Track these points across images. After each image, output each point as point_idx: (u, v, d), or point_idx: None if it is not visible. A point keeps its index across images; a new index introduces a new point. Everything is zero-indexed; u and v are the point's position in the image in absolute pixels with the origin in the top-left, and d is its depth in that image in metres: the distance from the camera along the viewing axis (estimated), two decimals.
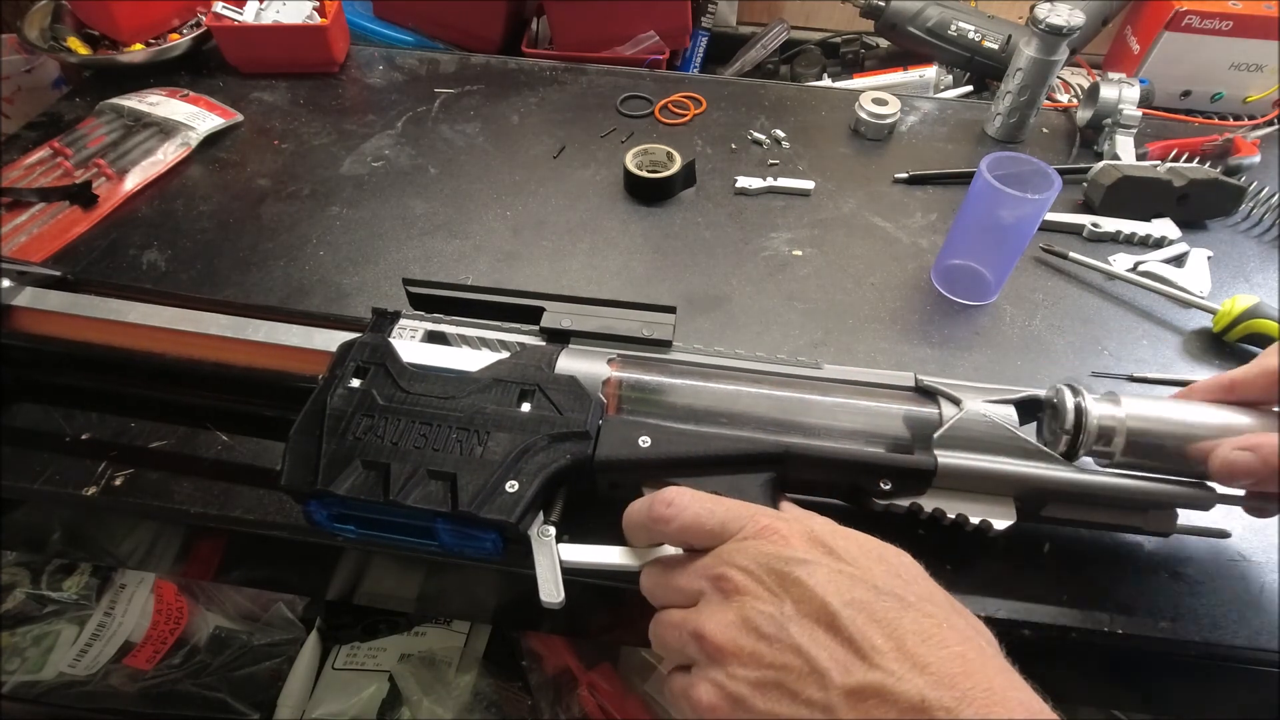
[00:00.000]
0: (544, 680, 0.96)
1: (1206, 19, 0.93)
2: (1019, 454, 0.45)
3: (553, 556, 0.41)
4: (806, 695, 0.31)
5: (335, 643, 1.03)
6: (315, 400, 0.44)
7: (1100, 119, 0.85)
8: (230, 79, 0.94)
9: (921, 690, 0.29)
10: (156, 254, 0.72)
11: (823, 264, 0.73)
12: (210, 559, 0.68)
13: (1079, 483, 0.44)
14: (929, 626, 0.31)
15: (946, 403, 0.46)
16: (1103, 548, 0.51)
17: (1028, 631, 0.48)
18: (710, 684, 0.33)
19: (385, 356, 0.46)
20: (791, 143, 0.88)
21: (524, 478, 0.41)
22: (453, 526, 0.41)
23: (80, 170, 0.78)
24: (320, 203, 0.78)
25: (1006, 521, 0.44)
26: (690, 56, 1.12)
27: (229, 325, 0.51)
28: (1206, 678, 0.52)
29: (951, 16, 0.99)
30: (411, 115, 0.90)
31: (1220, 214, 0.78)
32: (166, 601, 0.99)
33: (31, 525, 0.65)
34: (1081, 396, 0.45)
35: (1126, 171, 0.75)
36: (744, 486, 0.42)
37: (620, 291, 0.70)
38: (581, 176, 0.83)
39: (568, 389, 0.45)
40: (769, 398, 0.47)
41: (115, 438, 0.56)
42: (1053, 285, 0.71)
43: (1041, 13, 0.78)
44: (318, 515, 0.42)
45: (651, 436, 0.43)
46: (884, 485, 0.44)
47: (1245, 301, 0.63)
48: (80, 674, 0.94)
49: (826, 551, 0.35)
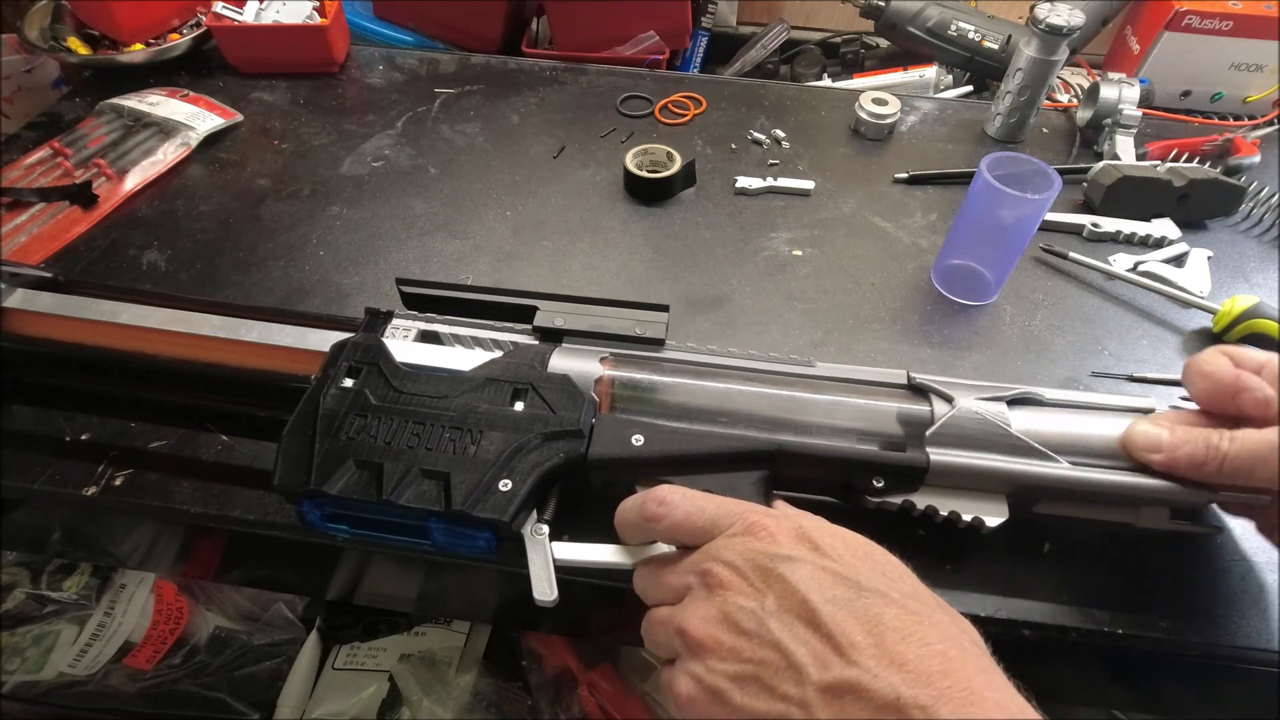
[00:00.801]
0: (544, 680, 0.96)
1: (1206, 19, 0.93)
2: (1011, 451, 0.45)
3: (546, 555, 0.41)
4: (783, 690, 0.31)
5: (335, 643, 1.03)
6: (308, 400, 0.44)
7: (1100, 119, 0.84)
8: (230, 79, 0.94)
9: (897, 688, 0.29)
10: (156, 254, 0.72)
11: (823, 264, 0.73)
12: (210, 559, 0.68)
13: (1070, 479, 0.44)
14: (911, 624, 0.31)
15: (939, 400, 0.46)
16: (1102, 548, 0.51)
17: (1028, 631, 0.48)
18: (689, 677, 0.34)
19: (378, 356, 0.46)
20: (791, 143, 0.87)
21: (517, 476, 0.41)
22: (446, 525, 0.41)
23: (80, 170, 0.79)
24: (320, 203, 0.78)
25: (999, 519, 0.44)
26: (690, 56, 1.12)
27: (221, 326, 0.51)
28: (1206, 678, 0.51)
29: (951, 16, 0.99)
30: (411, 115, 0.90)
31: (1220, 214, 0.77)
32: (166, 601, 0.99)
33: (31, 525, 0.65)
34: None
35: (1126, 171, 0.75)
36: (737, 484, 0.42)
37: (620, 292, 0.70)
38: (581, 176, 0.83)
39: (560, 388, 0.45)
40: (762, 395, 0.47)
41: (115, 438, 0.56)
42: (1053, 285, 0.71)
43: (1041, 13, 0.78)
44: (311, 515, 0.42)
45: (644, 435, 0.43)
46: (876, 483, 0.44)
47: (1245, 301, 0.63)
48: (80, 674, 0.94)
49: (813, 548, 0.35)
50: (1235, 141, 0.81)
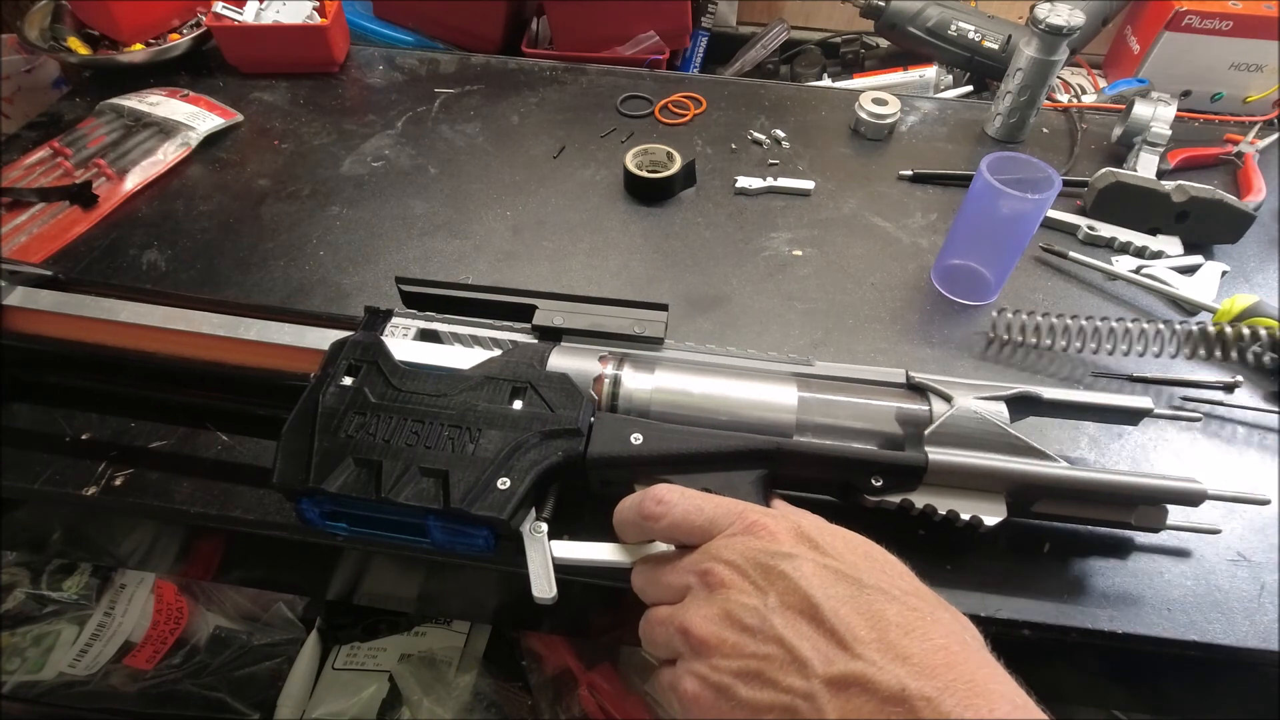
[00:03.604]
0: (544, 680, 0.96)
1: (1206, 19, 0.93)
2: (1009, 450, 0.45)
3: (545, 552, 0.41)
4: (788, 684, 0.31)
5: (335, 643, 1.03)
6: (307, 398, 0.44)
7: (1131, 136, 0.83)
8: (230, 79, 0.94)
9: (903, 680, 0.29)
10: (156, 254, 0.72)
11: (823, 264, 0.73)
12: (210, 559, 0.68)
13: (1068, 478, 0.44)
14: (913, 619, 0.31)
15: (937, 399, 0.47)
16: (1103, 548, 0.51)
17: (1028, 631, 0.47)
18: (694, 676, 0.34)
19: (377, 354, 0.46)
20: (791, 143, 0.87)
21: (516, 475, 0.41)
22: (444, 523, 0.41)
23: (80, 170, 0.79)
24: (320, 203, 0.78)
25: (997, 518, 0.44)
26: (690, 56, 1.12)
27: (221, 324, 0.51)
28: (1206, 678, 0.51)
29: (951, 16, 0.99)
30: (411, 115, 0.90)
31: (1226, 240, 0.74)
32: (166, 601, 0.99)
33: (31, 525, 0.65)
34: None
35: (1121, 178, 0.74)
36: (736, 483, 0.42)
37: (621, 292, 0.70)
38: (581, 176, 0.83)
39: (559, 386, 0.45)
40: (761, 394, 0.47)
41: (115, 438, 0.56)
42: (1053, 285, 0.71)
43: (1041, 13, 0.78)
44: (309, 513, 0.42)
45: (643, 433, 0.43)
46: (875, 482, 0.44)
47: (1245, 300, 0.63)
48: (80, 674, 0.94)
49: (813, 546, 0.35)
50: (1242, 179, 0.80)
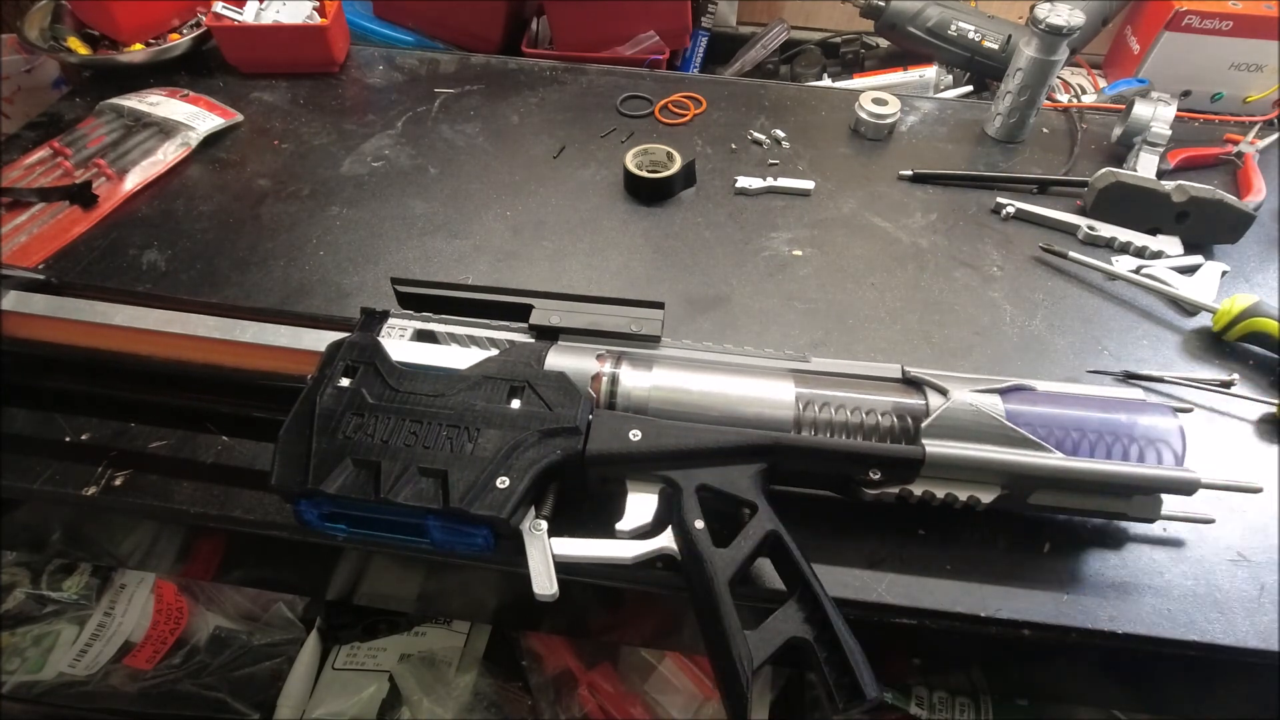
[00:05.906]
0: (544, 680, 0.96)
1: (1206, 19, 0.93)
2: (1005, 442, 0.45)
3: (545, 549, 0.41)
4: None
5: (335, 643, 1.03)
6: (305, 400, 0.44)
7: (1131, 136, 0.83)
8: (230, 79, 0.94)
9: None
10: (156, 254, 0.72)
11: (823, 264, 0.73)
12: (210, 559, 0.68)
13: (1063, 469, 0.45)
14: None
15: (933, 393, 0.47)
16: (1103, 548, 0.51)
17: (1028, 632, 0.47)
18: None
19: (374, 355, 0.46)
20: (791, 143, 0.87)
21: (514, 473, 0.41)
22: (444, 523, 0.41)
23: (80, 170, 0.79)
24: (320, 203, 0.78)
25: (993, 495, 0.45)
26: (690, 56, 1.12)
27: (217, 327, 0.51)
28: (1206, 678, 0.51)
29: (951, 16, 0.99)
30: (411, 115, 0.90)
31: (1225, 240, 0.74)
32: (166, 601, 0.99)
33: (31, 525, 0.65)
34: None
35: (1122, 178, 0.74)
36: (734, 478, 0.42)
37: (621, 292, 0.70)
38: (581, 176, 0.83)
39: (557, 385, 0.45)
40: (759, 390, 0.47)
41: (114, 438, 0.56)
42: (1053, 285, 0.71)
43: (1041, 13, 0.78)
44: (308, 515, 0.42)
45: (642, 430, 0.43)
46: (873, 475, 0.44)
47: (1245, 300, 0.63)
48: (80, 674, 0.94)
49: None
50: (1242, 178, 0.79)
